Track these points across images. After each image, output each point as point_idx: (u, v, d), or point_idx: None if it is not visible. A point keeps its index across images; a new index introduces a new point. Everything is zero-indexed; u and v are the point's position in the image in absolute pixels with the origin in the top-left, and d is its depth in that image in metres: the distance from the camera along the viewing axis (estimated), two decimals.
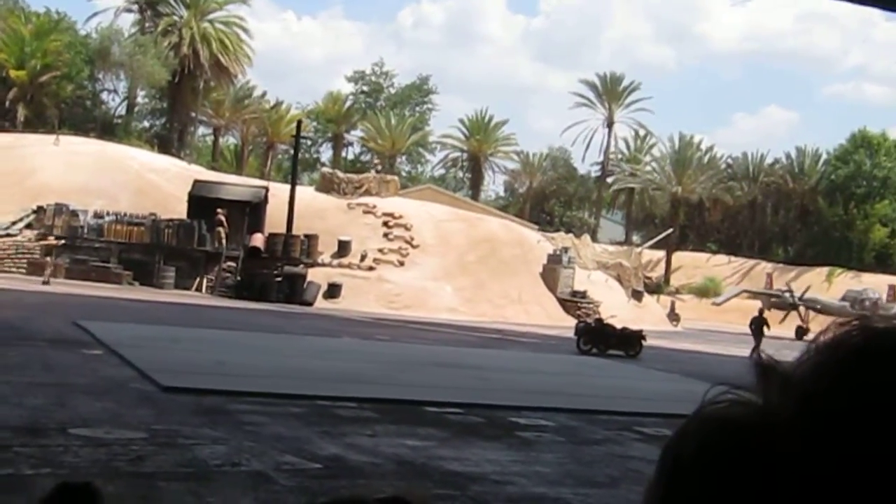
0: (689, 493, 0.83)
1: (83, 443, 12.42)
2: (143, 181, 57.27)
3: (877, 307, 64.01)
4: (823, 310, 64.24)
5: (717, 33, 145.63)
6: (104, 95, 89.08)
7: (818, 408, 0.81)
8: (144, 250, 51.33)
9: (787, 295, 66.51)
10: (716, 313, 78.17)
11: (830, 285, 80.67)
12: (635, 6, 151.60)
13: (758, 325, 45.82)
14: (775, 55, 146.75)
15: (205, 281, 51.42)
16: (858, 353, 0.84)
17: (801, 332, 62.79)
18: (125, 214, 52.56)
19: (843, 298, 66.54)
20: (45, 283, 45.18)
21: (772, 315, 63.93)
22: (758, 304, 71.52)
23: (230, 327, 32.08)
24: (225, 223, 51.22)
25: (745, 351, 49.40)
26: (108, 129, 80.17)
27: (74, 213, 51.69)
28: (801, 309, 64.64)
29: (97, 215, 52.16)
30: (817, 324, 63.88)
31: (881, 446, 0.77)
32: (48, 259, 48.37)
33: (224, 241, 51.24)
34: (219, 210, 51.40)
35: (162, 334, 26.36)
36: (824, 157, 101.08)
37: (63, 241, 50.35)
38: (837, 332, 0.87)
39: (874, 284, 73.45)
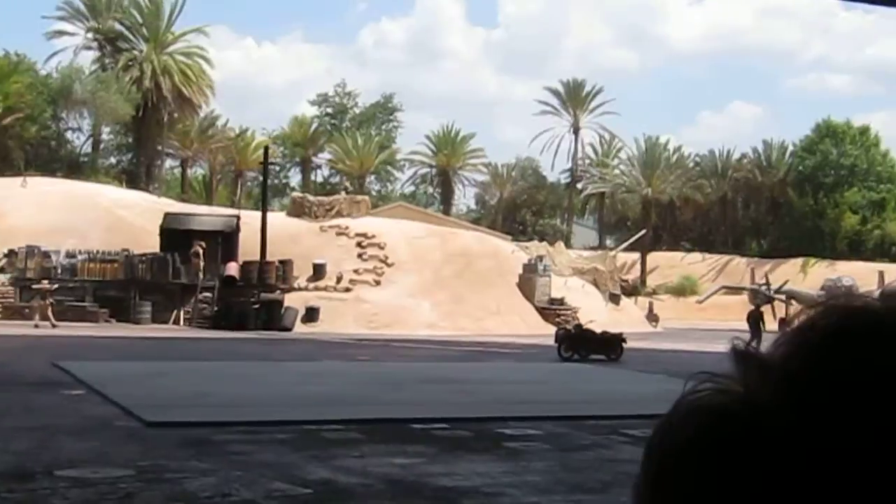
0: (679, 486, 0.83)
1: (70, 484, 12.33)
2: (113, 217, 57.07)
3: (852, 293, 64.26)
4: (801, 301, 64.51)
5: (678, 33, 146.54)
6: (69, 134, 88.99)
7: (796, 390, 0.82)
8: (119, 287, 51.13)
9: (764, 288, 66.70)
10: (695, 311, 78.37)
11: (806, 276, 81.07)
12: (593, 12, 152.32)
13: (755, 319, 46.35)
14: (737, 51, 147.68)
15: (182, 313, 51.24)
16: (832, 333, 0.85)
17: (784, 325, 62.94)
18: (98, 252, 52.34)
19: (822, 288, 66.83)
20: (36, 326, 45.07)
21: (748, 307, 64.25)
22: (738, 298, 71.96)
23: (210, 358, 31.96)
24: (201, 255, 51.08)
25: (724, 347, 49.41)
26: (74, 168, 79.94)
27: (46, 254, 51.44)
28: (777, 302, 64.78)
29: (69, 255, 51.93)
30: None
31: (857, 425, 0.78)
32: (43, 302, 47.88)
33: (201, 273, 51.08)
34: (196, 242, 51.31)
35: (142, 370, 26.23)
36: (791, 148, 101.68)
37: (48, 283, 50.05)
38: (811, 315, 0.88)
39: (849, 272, 73.80)
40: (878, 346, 0.82)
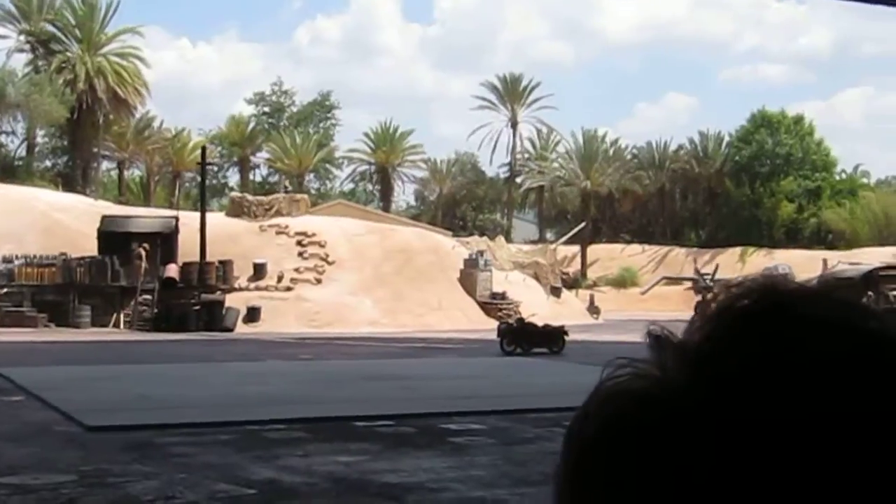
0: (597, 473, 0.83)
1: (11, 491, 12.24)
2: (50, 221, 56.52)
3: (790, 277, 64.96)
4: None
5: (612, 26, 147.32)
6: (2, 138, 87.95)
7: (710, 373, 0.83)
8: (57, 291, 50.66)
9: (707, 278, 67.27)
10: (635, 302, 78.90)
11: (744, 265, 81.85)
12: (528, 6, 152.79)
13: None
14: (671, 43, 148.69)
15: (122, 316, 50.87)
16: (744, 314, 0.86)
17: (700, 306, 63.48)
18: (35, 256, 51.83)
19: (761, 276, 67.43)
20: None
21: (687, 297, 64.80)
22: (679, 289, 72.49)
23: (151, 361, 31.78)
24: (144, 257, 50.74)
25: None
26: (9, 172, 79.03)
27: None
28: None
29: (6, 259, 51.39)
30: None
31: (767, 399, 0.79)
32: None
33: (143, 275, 50.73)
34: (140, 245, 51.01)
35: (83, 374, 26.03)
36: (727, 139, 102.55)
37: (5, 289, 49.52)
38: (726, 296, 0.89)
39: (786, 259, 74.54)
40: (785, 327, 0.83)
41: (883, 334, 0.84)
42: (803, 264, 69.34)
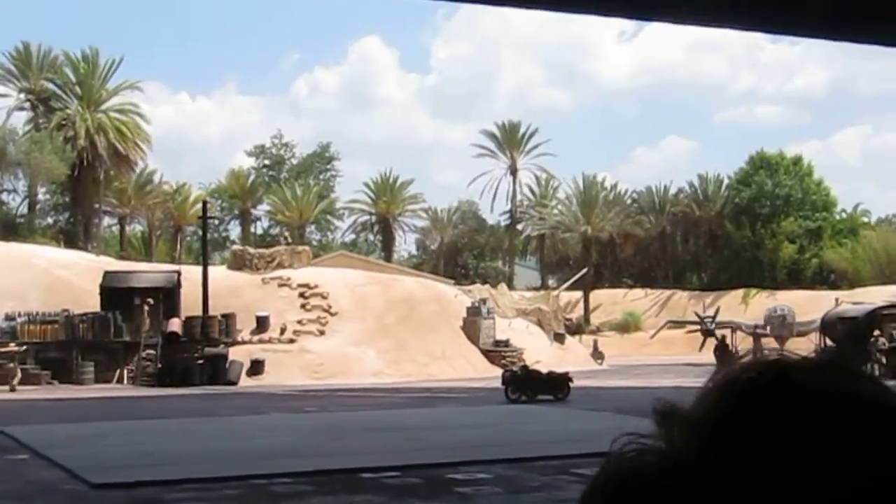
0: None
1: None
2: (52, 278, 56.52)
3: (784, 323, 64.88)
4: (739, 331, 65.02)
5: (609, 71, 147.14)
6: (4, 196, 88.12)
7: (715, 447, 0.84)
8: (61, 347, 50.56)
9: (708, 321, 67.20)
10: (640, 347, 78.79)
11: (747, 307, 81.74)
12: (524, 53, 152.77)
13: (721, 351, 47.37)
14: (668, 87, 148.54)
15: (125, 372, 50.76)
16: (750, 388, 0.87)
17: (718, 351, 63.31)
18: (37, 313, 51.78)
19: (764, 317, 67.38)
20: (13, 389, 44.66)
21: (691, 340, 64.69)
22: (683, 332, 72.28)
23: (156, 416, 31.69)
24: (146, 311, 50.85)
25: (672, 381, 49.90)
26: (11, 230, 79.13)
27: None
28: (723, 333, 65.14)
29: (8, 317, 51.34)
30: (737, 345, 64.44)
31: (771, 481, 0.80)
32: (11, 365, 47.37)
33: (147, 328, 50.75)
34: (142, 300, 51.12)
35: (87, 431, 25.96)
36: (726, 181, 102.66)
37: (24, 347, 49.47)
38: (732, 368, 0.90)
39: (789, 300, 74.41)
40: (788, 399, 0.85)
41: (888, 406, 0.85)
42: (806, 305, 69.39)
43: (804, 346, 58.79)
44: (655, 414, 0.92)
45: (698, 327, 67.98)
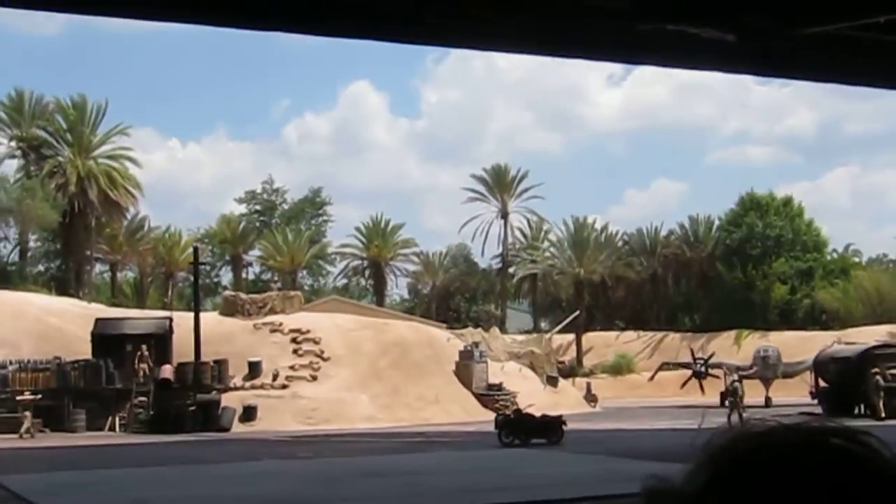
0: None
1: None
2: (43, 325, 56.39)
3: (767, 364, 64.66)
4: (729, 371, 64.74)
5: (598, 114, 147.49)
6: None
7: None
8: (52, 395, 50.33)
9: (696, 363, 67.13)
10: (632, 389, 78.74)
11: (740, 348, 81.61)
12: (513, 97, 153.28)
13: (733, 396, 47.51)
14: (657, 129, 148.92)
15: (117, 419, 50.55)
16: (736, 465, 0.88)
17: (724, 397, 63.15)
18: (29, 361, 51.55)
19: (753, 357, 67.27)
20: (29, 435, 45.02)
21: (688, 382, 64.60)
22: (675, 375, 72.16)
23: (148, 464, 31.55)
24: (145, 357, 50.81)
25: (664, 423, 49.78)
26: (2, 278, 79.04)
27: None
28: (724, 373, 64.92)
29: (0, 366, 51.18)
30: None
31: None
32: (27, 413, 47.36)
33: (148, 374, 50.64)
34: (135, 347, 51.07)
35: (79, 479, 25.84)
36: (717, 223, 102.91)
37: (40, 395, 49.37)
38: (721, 439, 0.91)
39: (781, 341, 74.43)
40: (777, 475, 0.85)
41: (880, 482, 0.86)
42: (798, 345, 69.42)
43: (794, 387, 58.81)
44: (645, 495, 0.91)
45: (691, 369, 67.99)
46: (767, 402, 61.78)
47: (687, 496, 0.88)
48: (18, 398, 48.31)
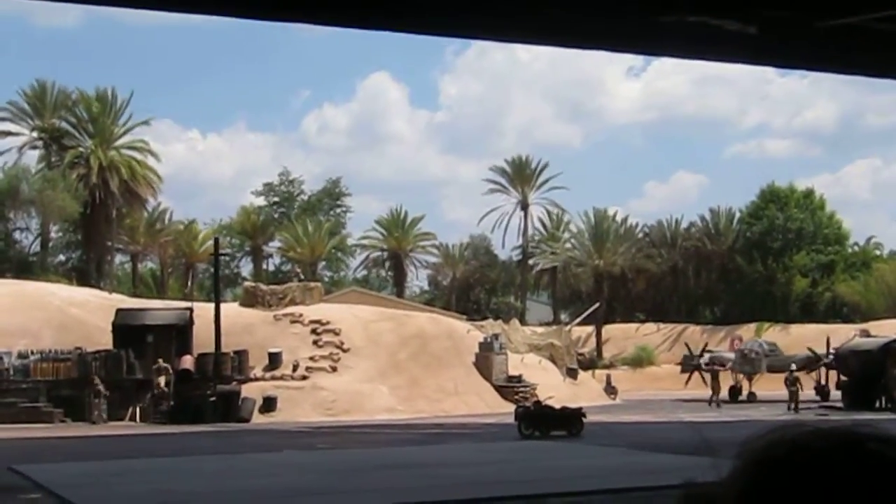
0: None
1: None
2: (65, 316, 56.63)
3: (746, 359, 64.07)
4: (726, 365, 64.30)
5: (617, 106, 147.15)
6: (17, 234, 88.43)
7: None
8: (73, 385, 50.58)
9: (698, 358, 66.49)
10: (651, 381, 78.60)
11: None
12: (533, 89, 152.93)
13: (791, 383, 49.33)
14: (677, 122, 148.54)
15: (138, 409, 50.73)
16: (775, 471, 0.89)
17: (734, 392, 63.02)
18: (50, 351, 51.83)
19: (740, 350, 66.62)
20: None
21: (705, 375, 64.41)
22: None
23: (169, 454, 31.66)
24: (165, 370, 50.82)
25: (684, 416, 49.76)
26: (24, 268, 79.37)
27: None
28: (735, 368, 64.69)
29: (21, 356, 51.37)
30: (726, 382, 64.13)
31: None
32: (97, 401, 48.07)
33: (165, 390, 50.52)
34: (183, 359, 51.13)
35: (100, 470, 25.93)
36: (738, 215, 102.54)
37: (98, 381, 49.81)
38: (757, 446, 0.92)
39: (801, 335, 74.24)
40: (819, 482, 0.86)
41: None
42: (819, 338, 69.07)
43: (805, 381, 58.42)
44: (681, 499, 0.92)
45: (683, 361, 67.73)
46: (741, 396, 61.73)
47: (723, 502, 0.89)
48: (95, 387, 49.01)
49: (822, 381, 60.04)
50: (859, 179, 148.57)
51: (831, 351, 59.06)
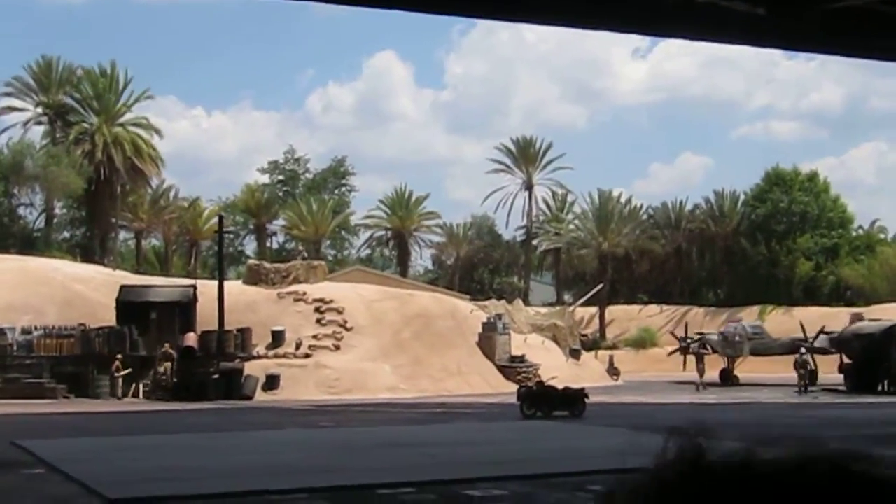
0: None
1: None
2: (68, 292, 56.69)
3: (727, 342, 63.79)
4: (712, 346, 64.05)
5: (623, 87, 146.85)
6: (21, 210, 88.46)
7: None
8: (76, 362, 50.68)
9: (689, 341, 66.28)
10: (653, 363, 78.59)
11: (764, 323, 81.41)
12: (538, 70, 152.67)
13: (801, 365, 52.63)
14: (682, 103, 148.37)
15: (141, 386, 50.83)
16: (668, 489, 0.97)
17: (724, 375, 62.88)
18: (54, 327, 51.92)
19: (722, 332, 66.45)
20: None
21: (710, 358, 64.40)
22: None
23: (172, 431, 31.73)
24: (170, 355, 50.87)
25: (686, 397, 49.88)
26: (28, 244, 79.46)
27: (2, 332, 50.97)
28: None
29: (25, 331, 51.46)
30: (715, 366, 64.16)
31: None
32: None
33: (168, 375, 50.55)
34: (187, 337, 51.12)
35: (103, 445, 26.00)
36: (742, 198, 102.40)
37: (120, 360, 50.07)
38: (661, 461, 1.01)
39: (804, 317, 74.03)
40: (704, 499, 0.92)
41: None
42: (822, 321, 69.05)
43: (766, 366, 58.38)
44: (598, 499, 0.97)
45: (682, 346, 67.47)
46: (723, 378, 61.61)
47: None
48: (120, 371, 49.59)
49: (811, 366, 60.01)
50: (864, 163, 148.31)
51: (810, 336, 59.22)
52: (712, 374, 60.25)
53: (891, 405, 43.51)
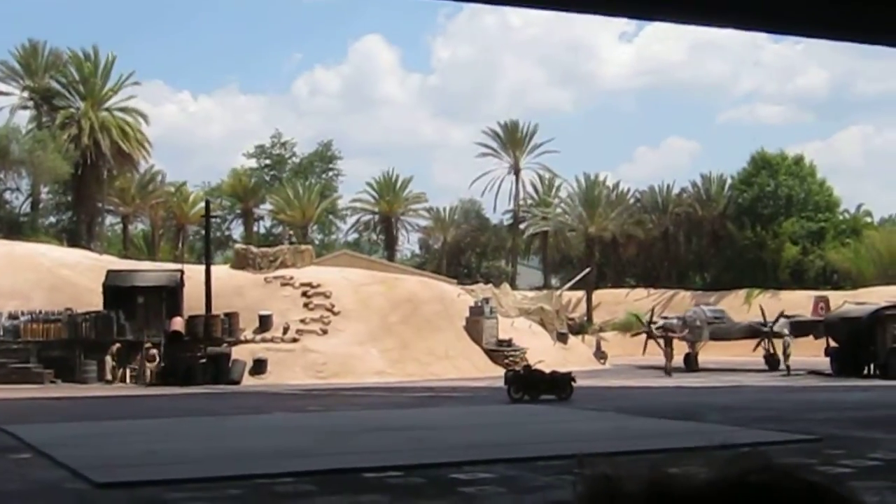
0: None
1: None
2: (55, 277, 56.56)
3: (685, 325, 63.71)
4: (671, 329, 63.83)
5: (609, 70, 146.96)
6: (7, 195, 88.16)
7: None
8: (63, 346, 50.59)
9: (646, 324, 66.12)
10: (640, 347, 78.74)
11: (750, 307, 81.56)
12: (524, 53, 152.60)
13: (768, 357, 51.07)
14: (669, 87, 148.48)
15: (128, 371, 50.78)
16: None
17: (688, 359, 62.75)
18: (40, 312, 51.81)
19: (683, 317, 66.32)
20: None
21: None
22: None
23: (159, 415, 31.71)
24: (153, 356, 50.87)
25: (671, 381, 50.09)
26: (14, 229, 79.20)
27: None
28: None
29: (11, 316, 51.37)
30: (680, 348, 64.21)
31: None
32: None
33: (154, 371, 50.49)
34: (174, 320, 51.11)
35: (90, 430, 25.98)
36: (729, 181, 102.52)
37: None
38: (621, 479, 1.05)
39: (791, 301, 74.39)
40: None
41: None
42: (807, 305, 69.29)
43: (806, 346, 58.69)
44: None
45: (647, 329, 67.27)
46: (687, 362, 61.51)
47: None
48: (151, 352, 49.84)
49: (771, 350, 60.18)
50: (851, 146, 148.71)
51: (769, 321, 59.55)
52: (677, 358, 60.05)
53: (875, 388, 43.74)
